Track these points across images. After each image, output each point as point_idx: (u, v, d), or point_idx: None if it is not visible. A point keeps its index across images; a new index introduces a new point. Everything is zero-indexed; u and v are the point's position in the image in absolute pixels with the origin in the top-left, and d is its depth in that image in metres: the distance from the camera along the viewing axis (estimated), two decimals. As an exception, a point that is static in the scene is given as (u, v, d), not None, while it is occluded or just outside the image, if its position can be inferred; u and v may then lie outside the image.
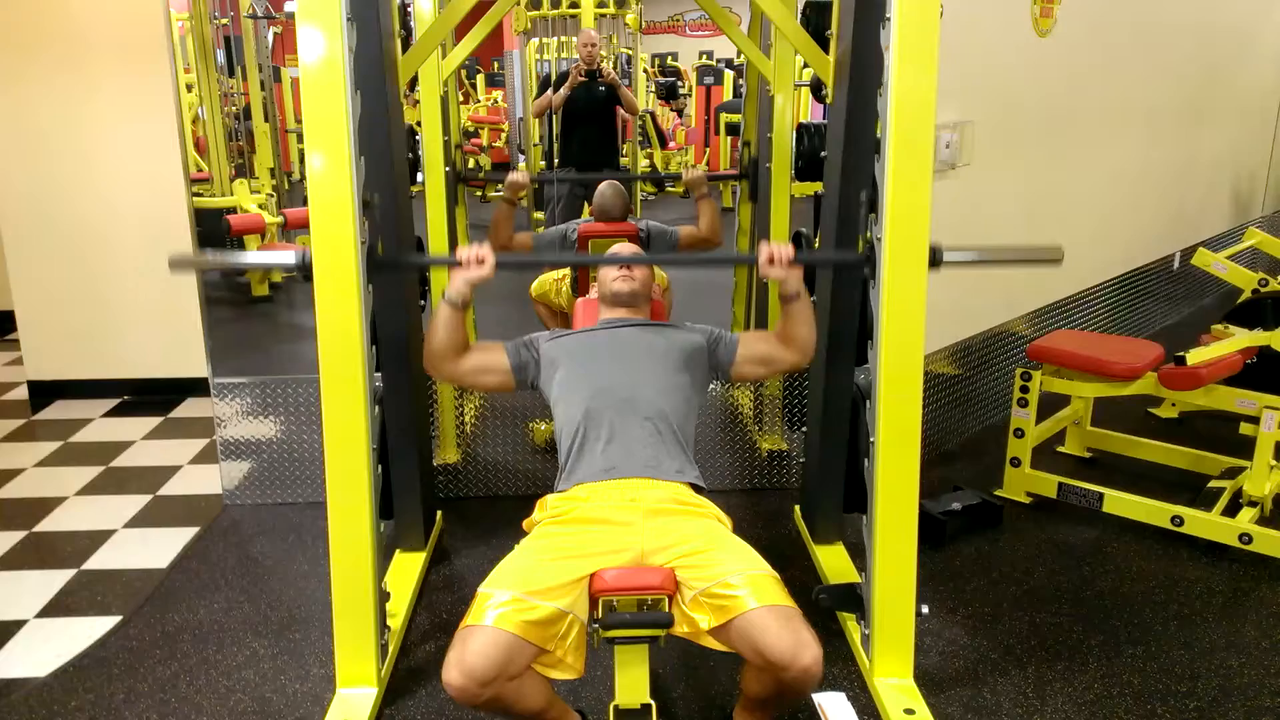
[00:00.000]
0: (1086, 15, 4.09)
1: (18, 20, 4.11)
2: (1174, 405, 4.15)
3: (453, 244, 3.47)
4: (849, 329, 2.71)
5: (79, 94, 4.19)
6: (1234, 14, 5.67)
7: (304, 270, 2.12)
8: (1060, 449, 3.81)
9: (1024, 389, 3.31)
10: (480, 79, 10.76)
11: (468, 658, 1.71)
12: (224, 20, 5.47)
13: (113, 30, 4.11)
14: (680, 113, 10.65)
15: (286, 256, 2.15)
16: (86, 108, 4.20)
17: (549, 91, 5.35)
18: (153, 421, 4.26)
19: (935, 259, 2.16)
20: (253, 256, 2.56)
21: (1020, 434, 3.35)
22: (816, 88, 3.10)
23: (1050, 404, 3.53)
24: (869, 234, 2.23)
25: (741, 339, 2.37)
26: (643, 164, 7.77)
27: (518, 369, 2.30)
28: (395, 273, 2.61)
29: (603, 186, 3.58)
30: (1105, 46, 4.39)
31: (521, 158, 7.53)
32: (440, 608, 2.77)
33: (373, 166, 2.31)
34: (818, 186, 2.89)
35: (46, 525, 3.31)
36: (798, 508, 3.26)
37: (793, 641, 1.73)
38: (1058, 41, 3.95)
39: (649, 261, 2.40)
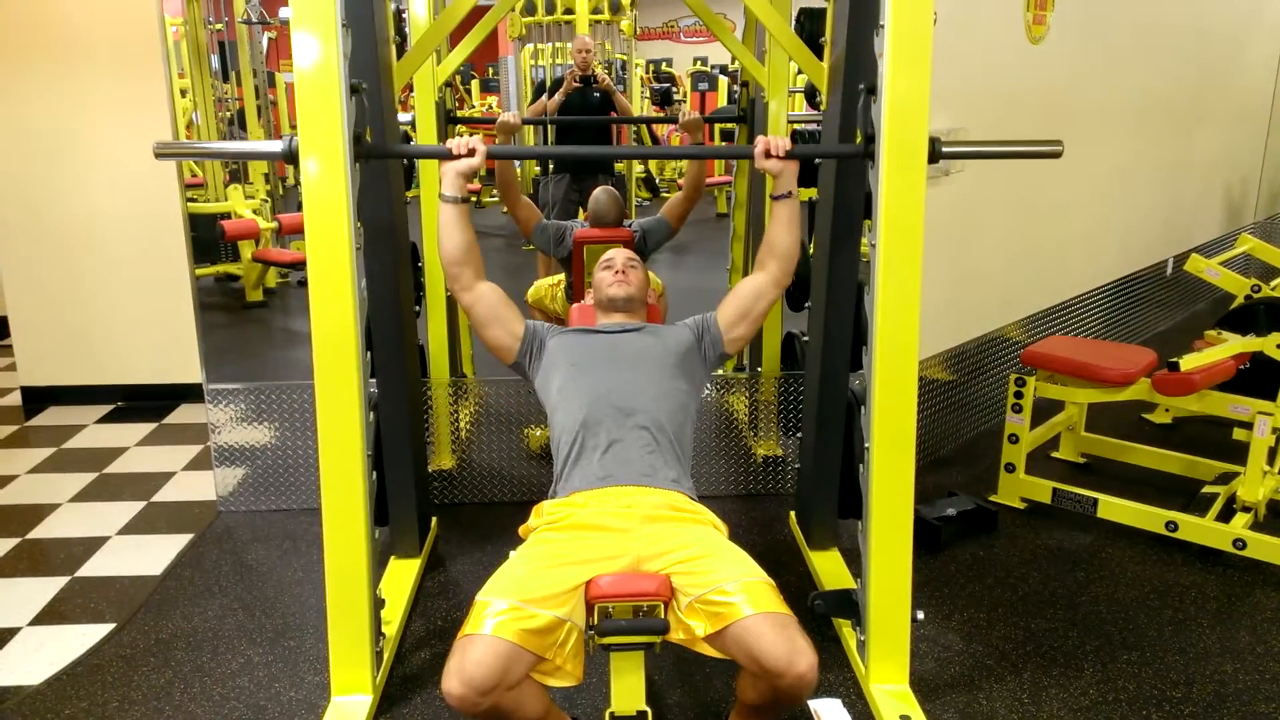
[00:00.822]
0: (1079, 22, 4.11)
1: (12, 24, 4.10)
2: (1168, 411, 4.16)
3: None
4: (845, 334, 2.72)
5: (73, 99, 4.18)
6: (1226, 19, 5.70)
7: (290, 157, 2.10)
8: (1055, 454, 3.81)
9: (1018, 394, 3.32)
10: (475, 84, 10.76)
11: (467, 667, 1.71)
12: (218, 26, 5.46)
13: (107, 35, 4.11)
14: (674, 118, 10.65)
15: (273, 145, 2.14)
16: (81, 113, 4.20)
17: (544, 97, 5.35)
18: (146, 428, 4.25)
19: (934, 152, 2.14)
20: (236, 145, 2.55)
21: (1015, 439, 3.35)
22: (811, 94, 3.11)
23: (1044, 409, 3.54)
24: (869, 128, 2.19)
25: (719, 310, 2.36)
26: (637, 170, 7.77)
27: (525, 343, 2.31)
28: (382, 160, 2.54)
29: (597, 192, 3.58)
30: (1097, 53, 4.41)
31: (517, 162, 7.51)
32: (435, 614, 2.77)
33: (367, 174, 2.31)
34: (813, 192, 2.90)
35: (39, 532, 3.29)
36: (793, 513, 3.26)
37: (788, 648, 1.73)
38: (1050, 48, 3.97)
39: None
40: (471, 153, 2.19)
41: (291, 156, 2.09)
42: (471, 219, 2.29)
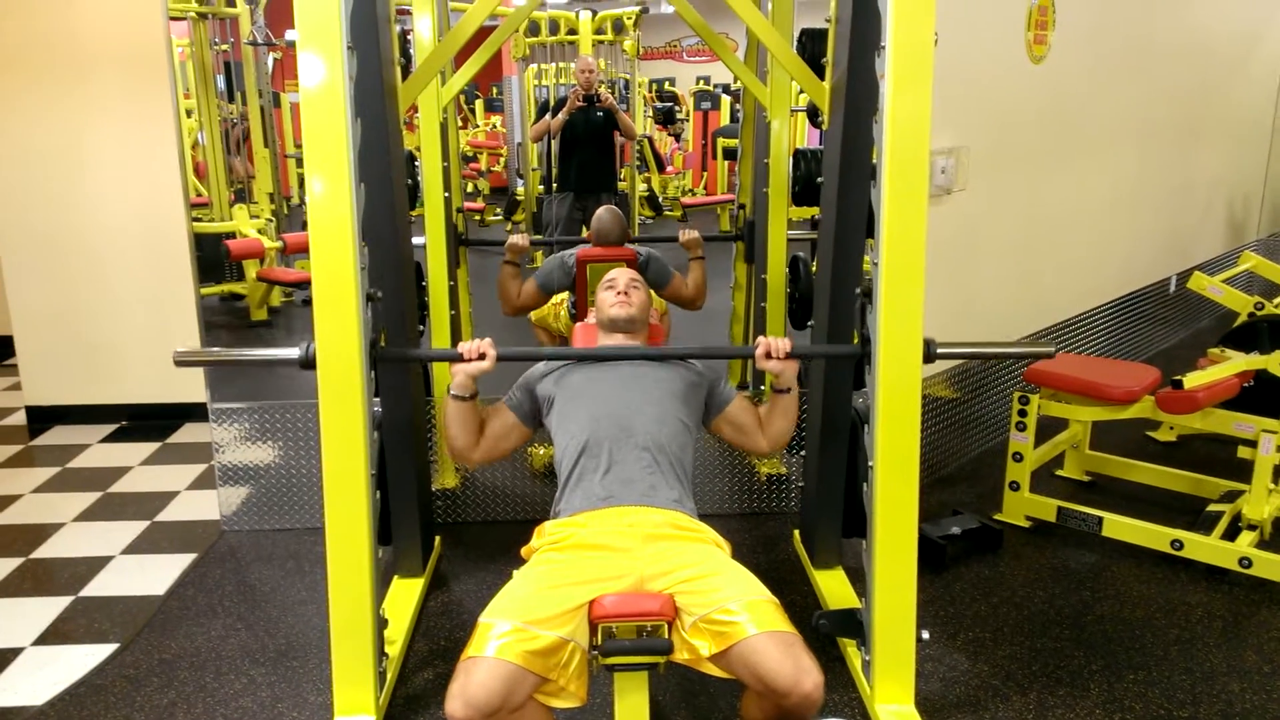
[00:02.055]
0: (1079, 41, 4.13)
1: (20, 43, 4.14)
2: (1172, 429, 4.15)
3: (453, 300, 3.50)
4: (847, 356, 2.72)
5: (80, 118, 4.21)
6: (1226, 37, 5.73)
7: (308, 364, 2.16)
8: (1059, 473, 3.80)
9: (1022, 413, 3.31)
10: (479, 104, 10.82)
11: (471, 689, 1.71)
12: (224, 46, 5.51)
13: (115, 55, 4.14)
14: (678, 137, 10.71)
15: (290, 352, 2.21)
16: (88, 132, 4.23)
17: (547, 116, 5.39)
18: (151, 447, 4.26)
19: (929, 354, 2.21)
20: (257, 353, 2.60)
21: (1019, 458, 3.35)
22: (813, 113, 3.13)
23: (1048, 428, 3.53)
24: (865, 329, 2.26)
25: (736, 399, 2.41)
26: (640, 188, 7.80)
27: (526, 418, 2.36)
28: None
29: (600, 211, 3.60)
30: (1098, 71, 4.43)
31: (520, 181, 7.55)
32: (438, 634, 2.76)
33: (373, 193, 2.32)
34: (815, 210, 2.91)
35: (43, 551, 3.29)
36: (797, 532, 3.26)
37: (793, 668, 1.73)
38: (1051, 67, 3.99)
39: (648, 356, 2.40)
40: (483, 356, 2.22)
41: (309, 364, 2.16)
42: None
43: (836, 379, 2.77)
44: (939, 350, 2.23)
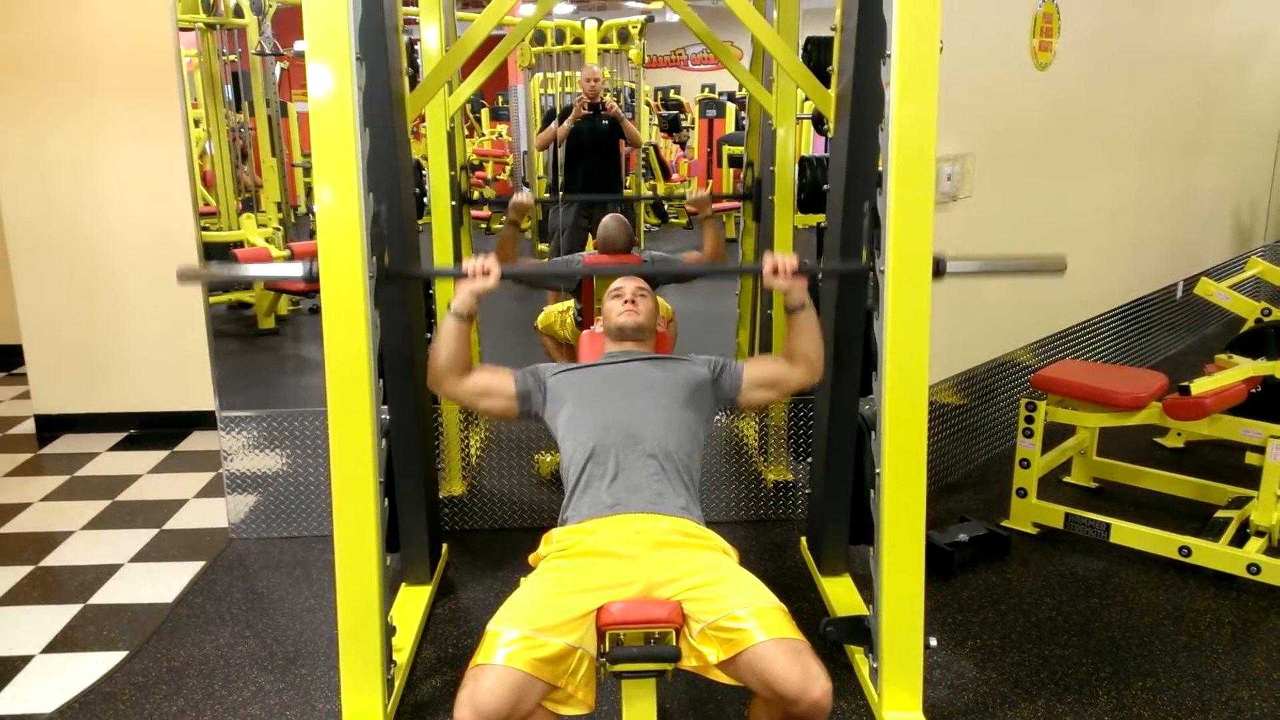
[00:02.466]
0: (1085, 48, 4.14)
1: (30, 54, 4.17)
2: (1179, 435, 4.14)
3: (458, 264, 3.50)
4: (854, 358, 2.72)
5: (90, 128, 4.24)
6: (1232, 43, 5.73)
7: (311, 280, 2.13)
8: (1066, 479, 3.80)
9: (1029, 419, 3.31)
10: (485, 113, 10.85)
11: (479, 696, 1.71)
12: (232, 57, 5.54)
13: (124, 66, 4.17)
14: (683, 145, 10.72)
15: (294, 268, 2.18)
16: (97, 142, 4.25)
17: (553, 124, 5.40)
18: (159, 455, 4.27)
19: (939, 269, 2.16)
20: (260, 268, 2.61)
21: (1026, 464, 3.35)
22: (818, 121, 3.14)
23: (1055, 434, 3.53)
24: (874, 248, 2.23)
25: (747, 364, 2.39)
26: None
27: (522, 397, 2.33)
28: (402, 283, 2.61)
29: (607, 219, 3.61)
30: (1104, 78, 4.43)
31: (526, 189, 7.57)
32: (446, 642, 2.76)
33: (380, 203, 2.33)
34: (820, 218, 2.91)
35: (53, 560, 3.31)
36: (804, 539, 3.26)
37: (801, 674, 1.73)
38: (1057, 74, 3.99)
39: (654, 273, 2.40)
40: (487, 273, 2.24)
41: (313, 279, 2.13)
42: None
43: (844, 385, 2.77)
44: (950, 268, 2.19)
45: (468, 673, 1.77)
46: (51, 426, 4.57)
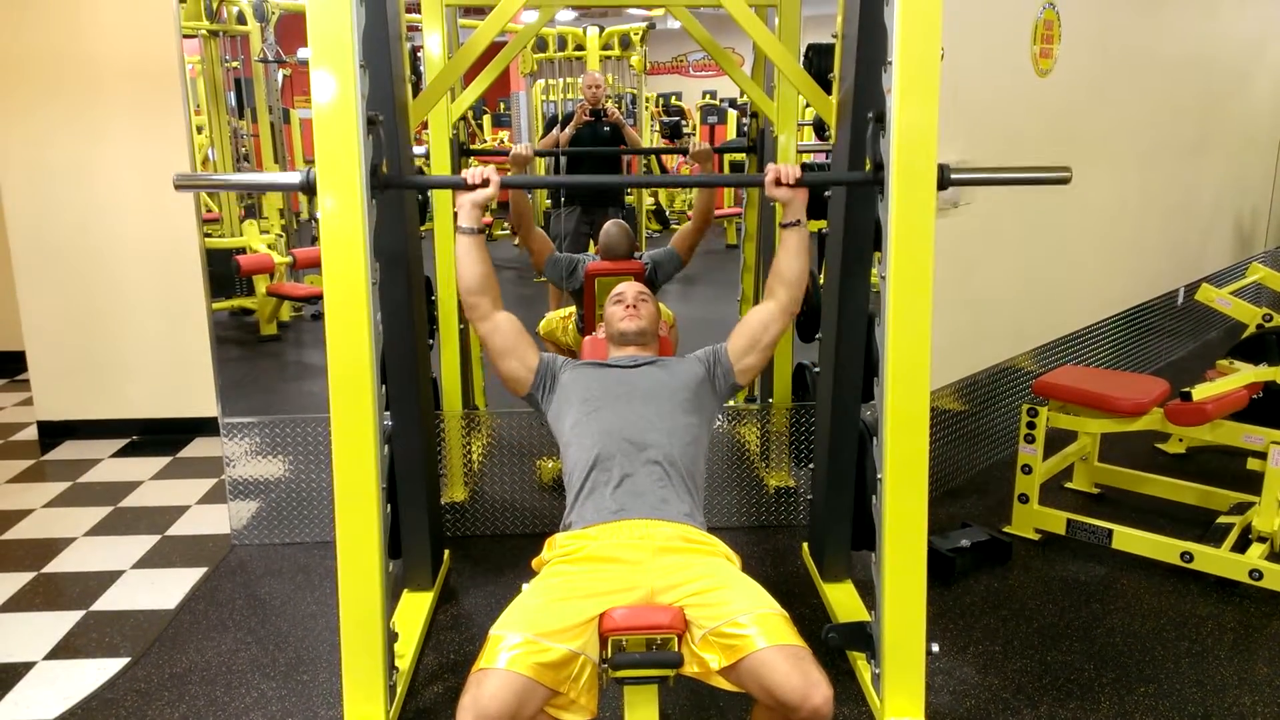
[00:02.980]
0: (1085, 55, 4.15)
1: (33, 60, 4.18)
2: (1181, 440, 4.14)
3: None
4: (856, 365, 2.72)
5: (92, 135, 4.25)
6: (1232, 49, 5.74)
7: (308, 188, 2.12)
8: (1068, 485, 3.80)
9: (1030, 425, 3.31)
10: (487, 119, 10.87)
11: (482, 700, 1.71)
12: (235, 63, 5.56)
13: (127, 72, 4.18)
14: (684, 152, 10.72)
15: (291, 176, 2.17)
16: (100, 148, 4.26)
17: (555, 130, 5.41)
18: (161, 461, 4.28)
19: (943, 179, 2.16)
20: (257, 177, 2.59)
21: (1028, 470, 3.34)
22: (819, 128, 3.14)
23: (1057, 440, 3.53)
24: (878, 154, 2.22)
25: (729, 340, 2.38)
26: (647, 202, 7.82)
27: (539, 376, 2.33)
28: (399, 190, 2.57)
29: (608, 226, 3.61)
30: (1104, 85, 4.44)
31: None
32: (448, 648, 2.76)
33: (383, 205, 2.34)
34: (822, 224, 2.92)
35: (55, 566, 3.31)
36: (806, 545, 3.25)
37: (803, 681, 1.73)
38: (1057, 81, 4.00)
39: (649, 184, 2.38)
40: (486, 182, 2.23)
41: (309, 188, 2.12)
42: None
43: (845, 391, 2.77)
44: (953, 175, 2.18)
45: (470, 677, 1.77)
46: (54, 433, 4.57)
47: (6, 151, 4.28)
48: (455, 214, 2.29)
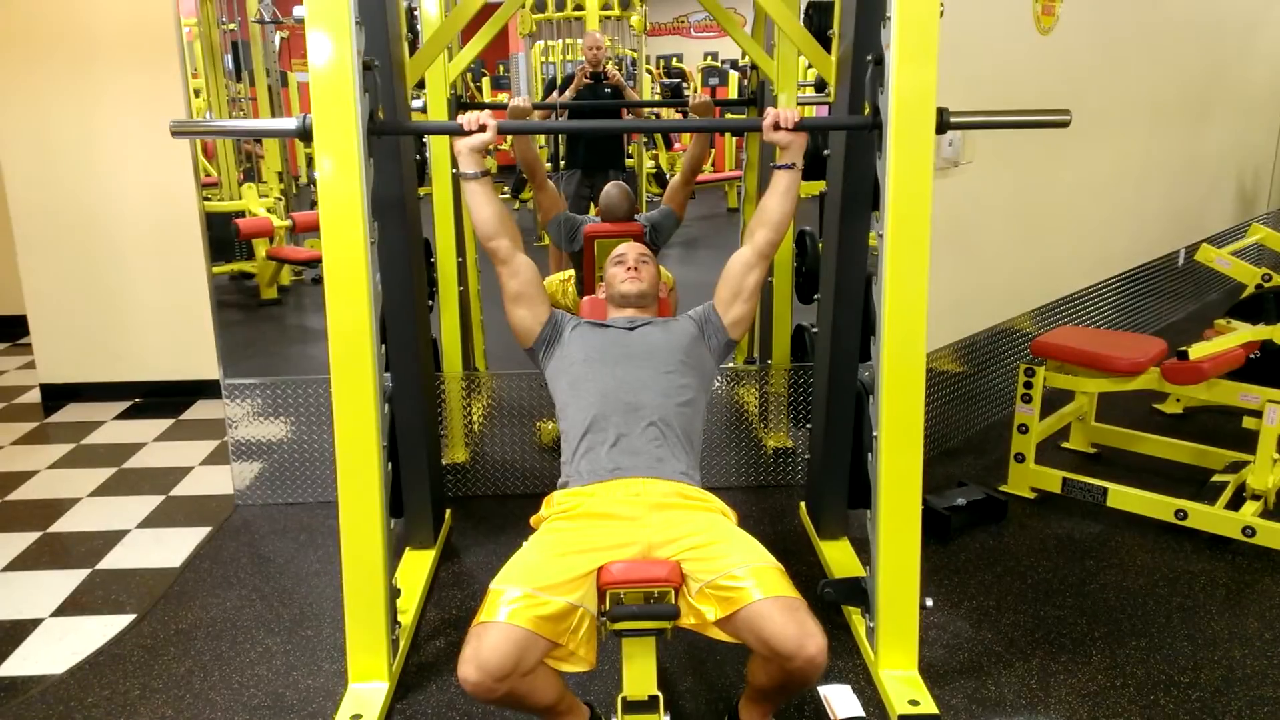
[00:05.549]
0: (1088, 13, 4.11)
1: (29, 25, 4.15)
2: (1178, 400, 4.16)
3: (462, 276, 3.53)
4: (854, 326, 2.73)
5: (90, 99, 4.24)
6: (1237, 10, 5.68)
7: (305, 134, 2.13)
8: (1064, 444, 3.82)
9: (1027, 385, 3.33)
10: (485, 81, 10.80)
11: (483, 653, 1.74)
12: (231, 25, 5.51)
13: (124, 36, 4.15)
14: (685, 114, 10.66)
15: (288, 123, 2.17)
16: (97, 112, 4.25)
17: (554, 93, 5.38)
18: (164, 423, 4.30)
19: (942, 122, 2.17)
20: (253, 123, 2.62)
21: (1024, 430, 3.37)
22: (820, 88, 3.13)
23: (1054, 400, 3.54)
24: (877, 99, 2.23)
25: (714, 296, 2.40)
26: (648, 165, 7.79)
27: (545, 329, 2.36)
28: (395, 136, 2.57)
29: (608, 187, 3.61)
30: (1107, 44, 4.40)
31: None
32: (450, 604, 2.80)
33: (382, 161, 2.34)
34: (821, 185, 2.92)
35: (60, 526, 3.34)
36: (803, 504, 3.29)
37: (798, 631, 1.76)
38: (1060, 39, 3.97)
39: (650, 128, 2.39)
40: (483, 128, 2.24)
41: (305, 133, 2.12)
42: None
43: (842, 352, 2.78)
44: (952, 119, 2.20)
45: (471, 630, 1.80)
46: (57, 396, 4.60)
47: (4, 115, 4.26)
48: (454, 161, 2.29)
